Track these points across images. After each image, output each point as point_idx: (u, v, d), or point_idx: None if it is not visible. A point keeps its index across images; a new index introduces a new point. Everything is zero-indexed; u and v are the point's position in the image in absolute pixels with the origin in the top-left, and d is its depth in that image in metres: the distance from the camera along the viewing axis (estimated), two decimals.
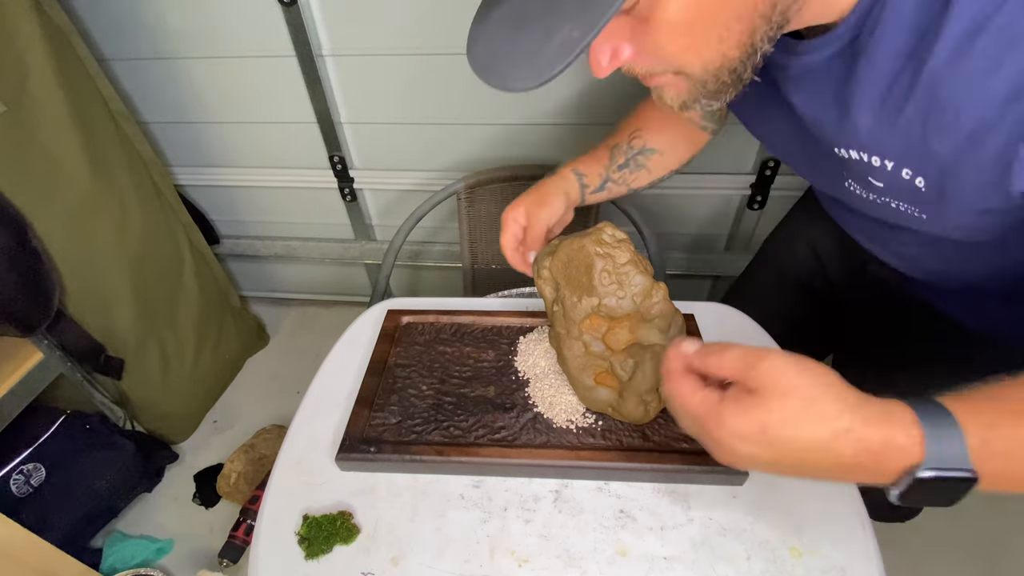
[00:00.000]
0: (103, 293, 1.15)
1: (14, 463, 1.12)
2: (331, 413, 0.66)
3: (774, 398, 0.36)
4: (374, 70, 1.17)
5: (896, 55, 0.39)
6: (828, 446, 0.35)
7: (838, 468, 0.36)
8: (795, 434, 0.36)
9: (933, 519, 1.22)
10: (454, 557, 0.53)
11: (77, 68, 1.05)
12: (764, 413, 0.36)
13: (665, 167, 0.75)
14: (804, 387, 0.36)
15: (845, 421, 0.35)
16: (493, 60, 0.41)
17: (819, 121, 0.49)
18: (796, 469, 0.37)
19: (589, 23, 0.35)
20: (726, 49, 0.40)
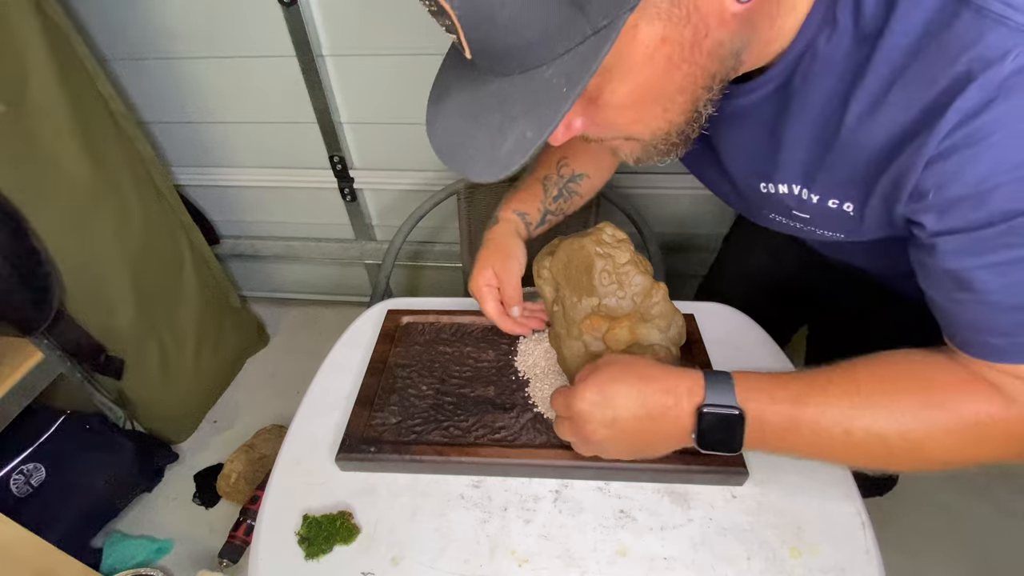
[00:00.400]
0: (103, 293, 1.14)
1: (14, 463, 1.12)
2: (331, 413, 0.66)
3: (605, 366, 0.51)
4: (374, 70, 1.17)
5: (830, 97, 0.43)
6: (639, 390, 0.48)
7: (651, 416, 0.48)
8: (619, 386, 0.49)
9: (933, 519, 1.22)
10: (454, 557, 0.53)
11: (77, 68, 1.05)
12: (599, 375, 0.50)
13: (594, 188, 0.78)
14: (626, 358, 0.52)
15: (651, 369, 0.50)
16: (455, 148, 0.43)
17: (748, 158, 0.53)
18: (629, 426, 0.49)
19: (541, 125, 0.37)
20: (671, 117, 0.42)
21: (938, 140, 0.37)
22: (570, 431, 0.52)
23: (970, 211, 0.38)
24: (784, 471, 0.58)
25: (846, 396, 0.45)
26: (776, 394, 0.46)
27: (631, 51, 0.37)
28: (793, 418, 0.46)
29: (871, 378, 0.45)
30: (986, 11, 0.34)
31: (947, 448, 0.43)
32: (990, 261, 0.39)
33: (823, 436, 0.45)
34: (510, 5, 0.33)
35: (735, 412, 0.46)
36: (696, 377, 0.48)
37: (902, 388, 0.44)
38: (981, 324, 0.42)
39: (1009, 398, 0.42)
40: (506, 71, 0.38)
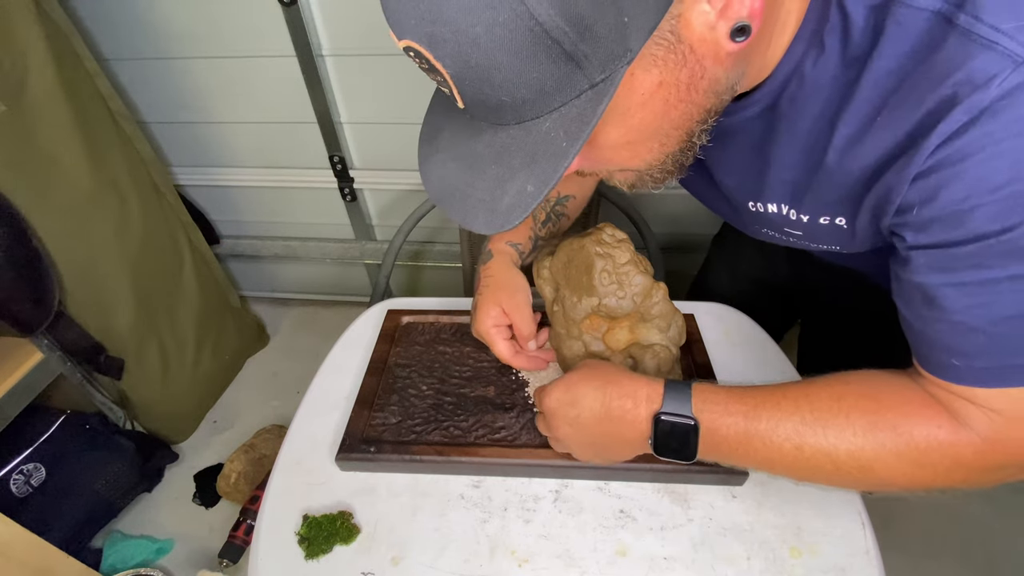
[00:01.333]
0: (103, 293, 1.14)
1: (14, 463, 1.12)
2: (331, 413, 0.66)
3: (576, 369, 0.54)
4: (374, 70, 1.17)
5: (818, 120, 0.43)
6: (601, 392, 0.51)
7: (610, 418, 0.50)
8: (583, 386, 0.52)
9: (933, 519, 1.22)
10: (454, 557, 0.53)
11: (77, 68, 1.05)
12: (569, 376, 0.53)
13: (580, 207, 0.77)
14: (599, 363, 0.54)
15: (616, 374, 0.52)
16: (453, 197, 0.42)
17: (736, 177, 0.53)
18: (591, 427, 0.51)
19: (542, 180, 0.36)
20: (667, 149, 0.42)
21: (923, 159, 0.37)
22: (543, 426, 0.56)
23: (948, 229, 0.38)
24: None
25: (798, 412, 0.45)
26: (731, 407, 0.47)
27: (627, 98, 0.36)
28: (746, 431, 0.46)
29: (825, 395, 0.46)
30: (974, 35, 0.34)
31: (895, 470, 0.43)
32: (959, 280, 0.39)
33: (774, 450, 0.46)
34: (506, 64, 0.32)
35: (690, 422, 0.48)
36: (657, 385, 0.50)
37: (854, 407, 0.44)
38: (943, 343, 0.42)
39: (960, 423, 0.42)
40: (501, 121, 0.38)
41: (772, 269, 0.84)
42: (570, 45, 0.32)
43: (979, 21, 0.34)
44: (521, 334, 0.65)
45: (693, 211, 1.35)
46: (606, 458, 0.55)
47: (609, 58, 0.33)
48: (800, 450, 0.45)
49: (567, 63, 0.33)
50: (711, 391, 0.49)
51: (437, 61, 0.33)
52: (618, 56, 0.33)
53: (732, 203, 0.56)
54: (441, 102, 0.45)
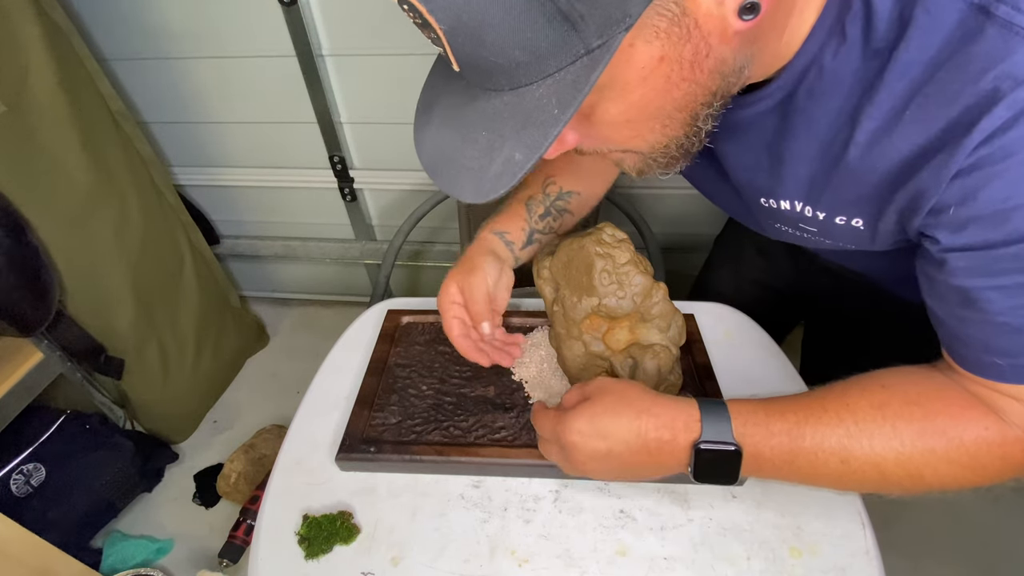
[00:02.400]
0: (103, 293, 1.14)
1: (14, 463, 1.12)
2: (331, 413, 0.66)
3: (598, 396, 0.49)
4: (374, 70, 1.17)
5: (837, 114, 0.41)
6: (636, 425, 0.47)
7: (650, 447, 0.47)
8: (614, 420, 0.47)
9: (933, 519, 1.22)
10: (454, 557, 0.53)
11: (77, 68, 1.05)
12: (592, 406, 0.48)
13: (588, 204, 0.75)
14: (619, 387, 0.50)
15: (647, 403, 0.48)
16: (442, 164, 0.42)
17: (748, 172, 0.51)
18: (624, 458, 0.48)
19: (531, 147, 0.35)
20: (670, 132, 0.41)
21: (964, 156, 0.36)
22: (558, 456, 0.51)
23: (988, 230, 0.37)
24: None
25: (842, 424, 0.44)
26: (773, 427, 0.45)
27: (626, 71, 0.35)
28: (791, 451, 0.45)
29: (866, 404, 0.45)
30: (1016, 27, 0.33)
31: (944, 475, 0.43)
32: (1001, 283, 0.38)
33: (819, 467, 0.45)
34: (499, 21, 0.31)
35: (732, 447, 0.45)
36: (692, 411, 0.47)
37: (899, 415, 0.43)
38: (984, 343, 0.41)
39: (1006, 421, 0.41)
40: (495, 86, 0.37)
41: (774, 270, 0.84)
42: (565, 4, 0.31)
43: (1020, 13, 0.33)
44: (472, 314, 0.64)
45: (693, 211, 1.35)
46: (635, 480, 0.53)
47: (607, 22, 0.32)
48: (847, 463, 0.44)
49: (562, 23, 0.32)
50: (750, 411, 0.46)
51: (430, 15, 0.32)
52: (616, 21, 0.32)
53: (744, 199, 0.55)
54: (439, 71, 0.43)
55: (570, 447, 0.49)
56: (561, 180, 0.72)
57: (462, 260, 0.66)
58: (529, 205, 0.71)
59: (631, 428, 0.47)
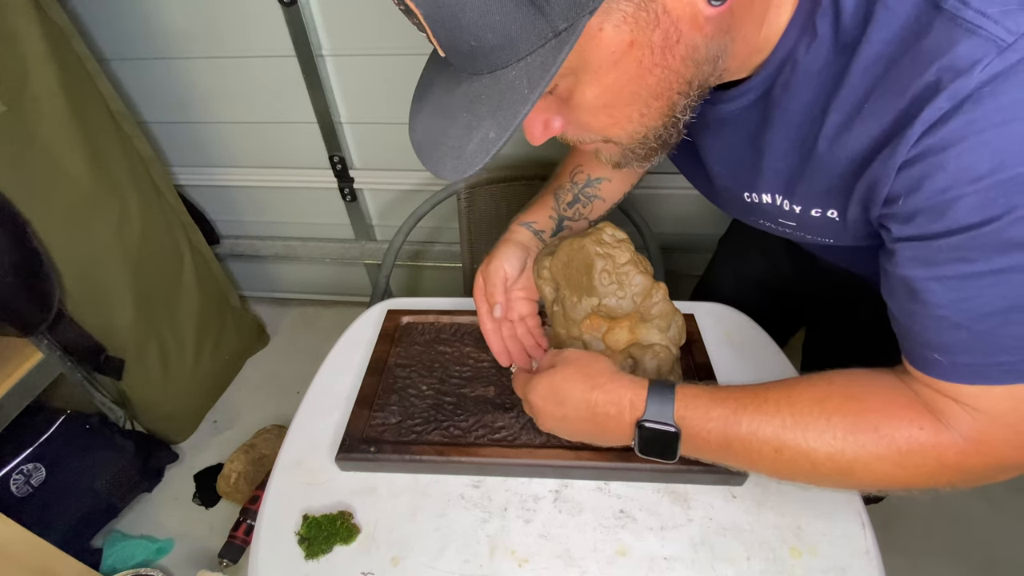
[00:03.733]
0: (103, 293, 1.14)
1: (14, 463, 1.12)
2: (331, 413, 0.66)
3: (562, 365, 0.54)
4: (374, 70, 1.17)
5: (810, 107, 0.42)
6: (588, 397, 0.51)
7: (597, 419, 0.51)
8: (570, 389, 0.52)
9: (933, 519, 1.22)
10: (454, 557, 0.53)
11: (77, 68, 1.05)
12: (555, 373, 0.53)
13: (619, 191, 0.76)
14: (584, 359, 0.54)
15: (603, 378, 0.52)
16: (427, 146, 0.44)
17: (731, 167, 0.53)
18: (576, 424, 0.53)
19: (503, 126, 0.37)
20: (648, 122, 0.42)
21: (908, 147, 0.36)
22: (529, 412, 0.57)
23: (930, 221, 0.37)
24: None
25: (778, 415, 0.45)
26: (712, 412, 0.48)
27: (597, 54, 0.36)
28: (726, 436, 0.47)
29: (807, 397, 0.45)
30: (959, 19, 0.34)
31: (876, 472, 0.43)
32: (942, 274, 0.38)
33: (754, 452, 0.46)
34: (471, 8, 0.33)
35: (671, 429, 0.49)
36: (640, 391, 0.50)
37: (836, 409, 0.44)
38: (926, 338, 0.41)
39: (943, 424, 0.41)
40: (477, 70, 0.38)
41: (776, 272, 0.84)
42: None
43: (966, 6, 0.34)
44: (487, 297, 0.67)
45: (694, 211, 1.35)
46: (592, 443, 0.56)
47: (571, 6, 0.33)
48: (779, 452, 0.45)
49: (529, 7, 0.33)
50: (694, 396, 0.49)
51: (410, 1, 0.34)
52: (581, 5, 0.33)
53: (729, 194, 0.56)
54: (434, 60, 0.45)
55: (533, 406, 0.55)
56: (589, 168, 0.74)
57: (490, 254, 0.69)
58: (558, 194, 0.73)
59: (583, 399, 0.51)
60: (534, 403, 0.54)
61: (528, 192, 1.16)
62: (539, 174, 1.14)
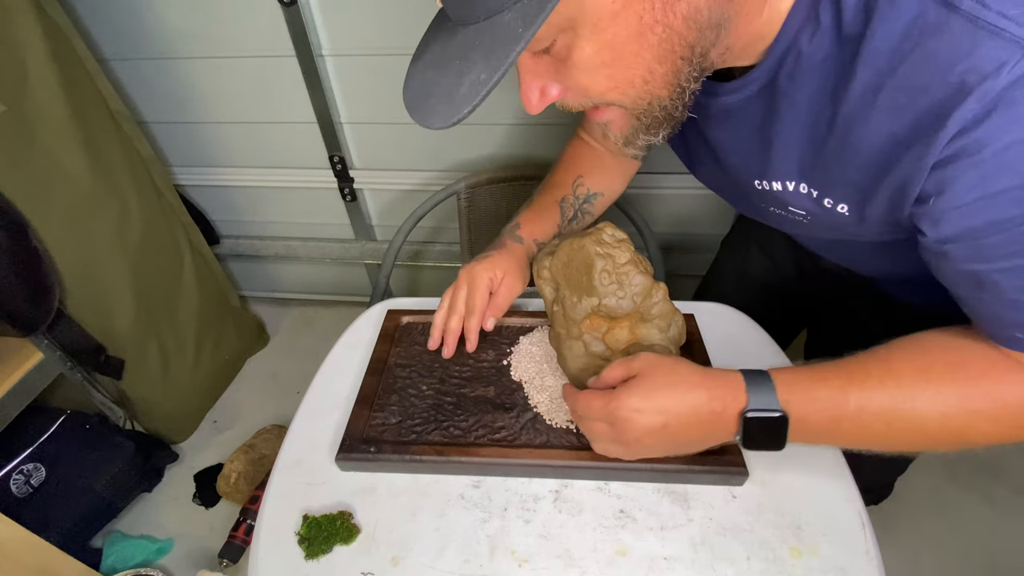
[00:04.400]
0: (103, 293, 1.15)
1: (14, 463, 1.12)
2: (331, 413, 0.66)
3: (649, 372, 0.50)
4: (374, 70, 1.17)
5: (818, 96, 0.43)
6: (690, 399, 0.49)
7: (703, 420, 0.49)
8: (670, 395, 0.49)
9: (933, 519, 1.22)
10: (454, 557, 0.53)
11: (77, 68, 1.05)
12: (645, 382, 0.50)
13: (605, 206, 0.78)
14: (668, 362, 0.51)
15: (698, 376, 0.50)
16: (419, 99, 0.43)
17: (740, 156, 0.53)
18: (678, 432, 0.49)
19: (494, 66, 0.37)
20: (653, 89, 0.42)
21: (940, 148, 0.37)
22: (604, 433, 0.52)
23: (969, 219, 0.38)
24: (784, 471, 0.58)
25: (884, 389, 0.45)
26: (815, 393, 0.47)
27: (597, 5, 0.36)
28: (835, 416, 0.46)
29: (908, 369, 0.46)
30: (981, 21, 0.34)
31: (988, 433, 0.44)
32: (1002, 267, 0.39)
33: (864, 429, 0.46)
34: None
35: (778, 415, 0.47)
36: (739, 382, 0.49)
37: (941, 379, 0.45)
38: (1004, 319, 0.42)
39: None
40: (473, 19, 0.38)
41: (777, 272, 0.84)
42: None
43: (985, 7, 0.34)
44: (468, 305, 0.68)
45: (694, 211, 1.35)
46: (677, 453, 0.54)
47: None
48: (890, 425, 0.45)
49: None
50: (793, 379, 0.48)
51: None
52: None
53: (739, 183, 0.56)
54: (432, 26, 0.45)
55: (623, 423, 0.50)
56: (589, 180, 0.75)
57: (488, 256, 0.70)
58: (563, 207, 0.74)
59: (686, 402, 0.49)
60: (628, 418, 0.49)
61: (528, 192, 1.16)
62: (539, 174, 1.14)
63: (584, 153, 0.77)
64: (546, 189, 0.76)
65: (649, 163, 1.25)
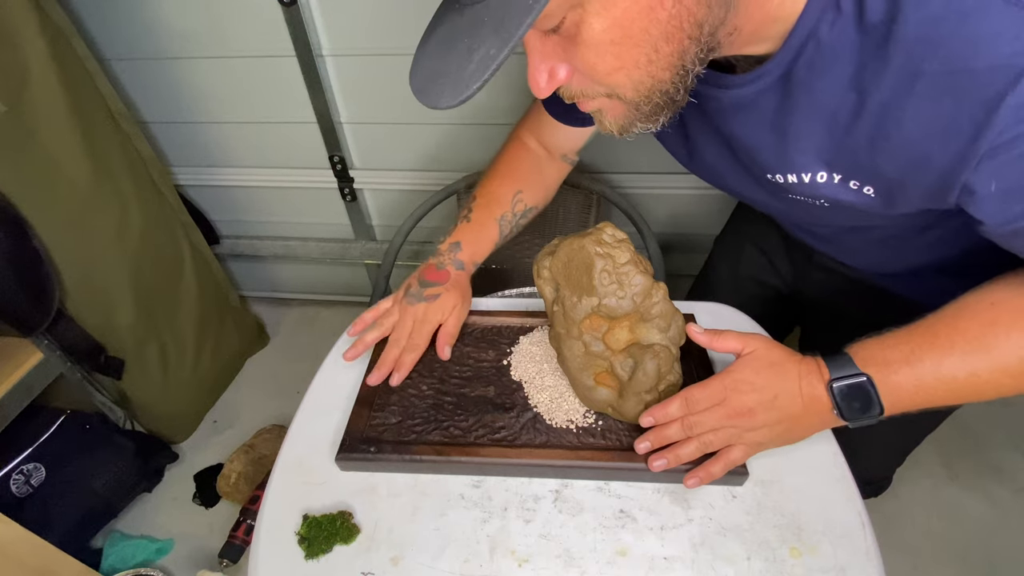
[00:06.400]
0: (103, 293, 1.15)
1: (14, 463, 1.12)
2: (331, 413, 0.66)
3: (761, 352, 0.54)
4: (374, 70, 1.17)
5: (839, 86, 0.42)
6: (789, 375, 0.52)
7: (802, 395, 0.51)
8: (776, 371, 0.52)
9: (933, 519, 1.22)
10: (454, 557, 0.53)
11: (77, 68, 1.05)
12: (755, 360, 0.53)
13: (533, 216, 0.79)
14: (771, 344, 0.55)
15: (791, 359, 0.53)
16: (427, 81, 0.43)
17: (755, 148, 0.52)
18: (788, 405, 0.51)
19: (504, 39, 0.36)
20: (655, 71, 0.41)
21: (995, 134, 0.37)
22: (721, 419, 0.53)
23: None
24: (784, 471, 0.58)
25: (955, 347, 0.46)
26: (889, 355, 0.48)
27: None
28: (916, 376, 0.47)
29: (975, 324, 0.47)
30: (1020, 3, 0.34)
31: None
32: None
33: (951, 383, 0.47)
34: None
35: (862, 378, 0.48)
36: (817, 359, 0.52)
37: (1011, 325, 0.46)
38: None
39: None
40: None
41: (772, 268, 0.84)
42: None
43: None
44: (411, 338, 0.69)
45: (693, 211, 1.35)
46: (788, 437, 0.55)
47: None
48: (976, 376, 0.46)
49: None
50: (860, 347, 0.50)
51: None
52: None
53: (750, 176, 0.56)
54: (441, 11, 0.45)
55: (737, 397, 0.53)
56: (527, 195, 0.75)
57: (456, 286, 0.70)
58: (501, 224, 0.74)
59: (787, 379, 0.52)
60: (742, 392, 0.53)
61: None
62: None
63: (524, 161, 0.76)
64: (485, 201, 0.75)
65: (649, 163, 1.25)
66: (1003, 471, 1.29)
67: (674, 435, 0.55)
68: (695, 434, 0.54)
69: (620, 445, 0.59)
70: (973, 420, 1.37)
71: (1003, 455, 1.32)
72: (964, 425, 1.36)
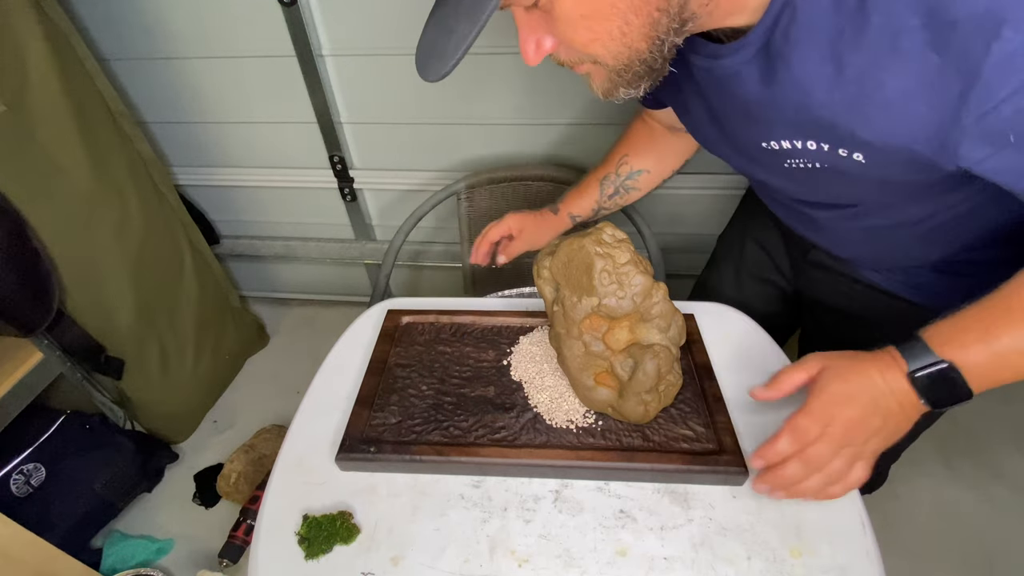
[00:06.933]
0: (103, 293, 1.14)
1: (14, 463, 1.12)
2: (331, 413, 0.66)
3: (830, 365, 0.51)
4: (374, 70, 1.17)
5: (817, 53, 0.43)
6: (870, 373, 0.49)
7: (892, 392, 0.48)
8: (859, 373, 0.49)
9: (933, 519, 1.22)
10: (454, 557, 0.53)
11: (77, 68, 1.05)
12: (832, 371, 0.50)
13: (654, 182, 0.83)
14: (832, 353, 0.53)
15: (866, 363, 0.50)
16: (422, 56, 0.47)
17: (743, 118, 0.53)
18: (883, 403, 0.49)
19: (473, 21, 0.40)
20: (631, 42, 0.43)
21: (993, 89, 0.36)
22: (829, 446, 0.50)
23: None
24: None
25: None
26: (965, 338, 0.46)
27: None
28: (994, 353, 0.45)
29: None
30: None
31: None
32: None
33: None
34: None
35: (944, 364, 0.46)
36: (892, 351, 0.49)
37: None
38: None
39: None
40: None
41: (773, 265, 0.85)
42: None
43: None
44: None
45: (693, 211, 1.35)
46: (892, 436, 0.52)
47: None
48: None
49: None
50: (934, 331, 0.48)
51: None
52: None
53: (745, 145, 0.57)
54: None
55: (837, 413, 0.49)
56: (634, 159, 0.80)
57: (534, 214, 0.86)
58: (603, 184, 0.81)
59: (870, 377, 0.49)
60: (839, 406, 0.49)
61: (527, 192, 1.16)
62: (539, 174, 1.14)
63: (638, 131, 0.81)
64: (595, 169, 0.83)
65: None
66: (1003, 471, 1.29)
67: (796, 476, 0.50)
68: (818, 468, 0.50)
69: (620, 445, 0.59)
70: (973, 420, 1.37)
71: (1003, 455, 1.32)
72: (964, 425, 1.36)
